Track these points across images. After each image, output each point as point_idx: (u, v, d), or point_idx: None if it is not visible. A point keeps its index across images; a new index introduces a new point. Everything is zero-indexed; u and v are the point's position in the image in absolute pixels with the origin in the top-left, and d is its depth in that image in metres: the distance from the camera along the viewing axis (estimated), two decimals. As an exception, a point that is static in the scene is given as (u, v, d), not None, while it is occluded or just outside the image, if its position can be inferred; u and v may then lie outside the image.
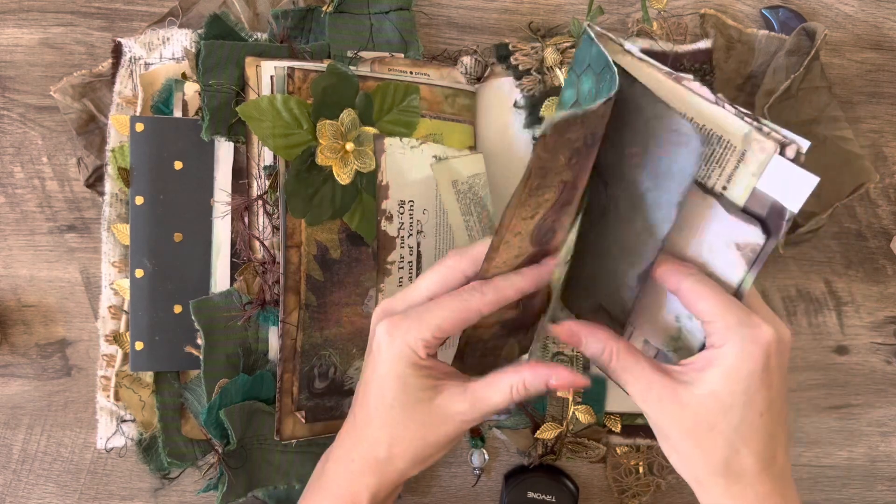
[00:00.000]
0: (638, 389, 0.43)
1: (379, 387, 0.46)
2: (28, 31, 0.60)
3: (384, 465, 0.46)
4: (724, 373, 0.42)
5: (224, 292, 0.57)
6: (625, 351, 0.44)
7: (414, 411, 0.45)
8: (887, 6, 0.64)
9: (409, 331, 0.44)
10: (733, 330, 0.42)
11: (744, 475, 0.43)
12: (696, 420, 0.42)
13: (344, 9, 0.59)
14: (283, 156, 0.54)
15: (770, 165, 0.40)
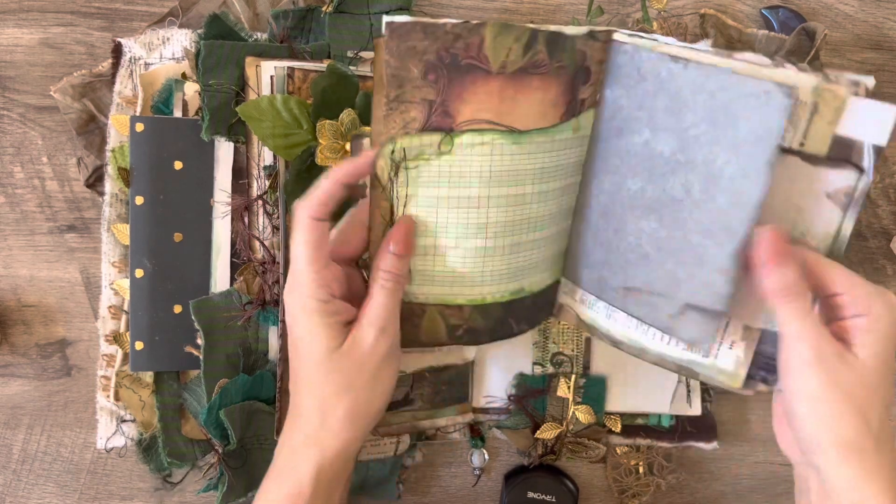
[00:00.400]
0: (810, 340, 0.42)
1: (296, 351, 0.47)
2: (28, 31, 0.60)
3: (319, 431, 0.46)
4: (881, 337, 0.43)
5: (224, 292, 0.57)
6: (807, 298, 0.43)
7: (330, 362, 0.45)
8: (887, 6, 0.64)
9: (298, 282, 0.45)
10: (874, 297, 0.43)
11: (889, 440, 0.43)
12: (860, 384, 0.42)
13: (344, 9, 0.59)
14: (283, 156, 0.54)
15: (848, 109, 0.41)
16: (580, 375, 0.60)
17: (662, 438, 0.62)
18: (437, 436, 0.62)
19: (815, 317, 0.43)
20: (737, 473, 0.64)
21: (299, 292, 0.46)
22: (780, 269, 0.43)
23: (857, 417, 0.42)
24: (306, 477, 0.45)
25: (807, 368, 0.42)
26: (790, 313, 0.43)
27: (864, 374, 0.42)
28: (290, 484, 0.46)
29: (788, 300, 0.43)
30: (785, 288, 0.43)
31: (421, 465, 0.63)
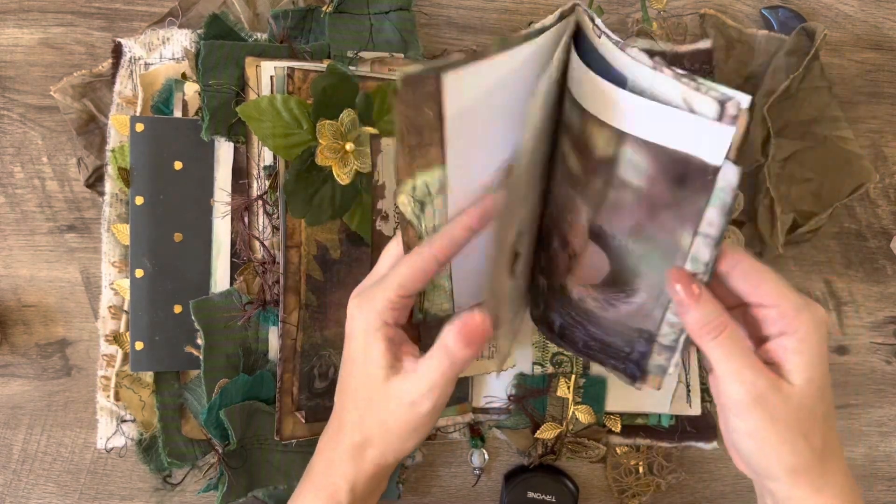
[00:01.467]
0: (741, 378, 0.41)
1: (350, 365, 0.47)
2: (28, 31, 0.60)
3: (359, 451, 0.46)
4: (811, 358, 0.41)
5: (224, 292, 0.57)
6: (735, 330, 0.42)
7: (372, 391, 0.45)
8: (887, 6, 0.64)
9: (375, 297, 0.45)
10: (802, 312, 0.41)
11: (833, 453, 0.43)
12: (798, 410, 0.41)
13: (344, 9, 0.59)
14: (283, 156, 0.54)
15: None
16: (580, 375, 0.60)
17: (662, 438, 0.62)
18: (437, 436, 0.62)
19: (743, 348, 0.42)
20: (737, 473, 0.64)
21: (370, 308, 0.45)
22: (697, 307, 0.41)
23: (800, 443, 0.42)
24: (343, 492, 0.46)
25: (744, 409, 0.42)
26: (718, 350, 0.41)
27: (801, 401, 0.41)
28: (326, 494, 0.46)
29: (711, 337, 0.41)
30: (706, 324, 0.41)
31: (421, 465, 0.63)
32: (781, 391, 0.41)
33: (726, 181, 0.37)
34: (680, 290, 0.41)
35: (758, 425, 0.42)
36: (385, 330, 0.45)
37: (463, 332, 0.43)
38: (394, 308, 0.45)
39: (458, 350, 0.43)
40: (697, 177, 0.38)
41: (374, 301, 0.45)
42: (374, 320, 0.45)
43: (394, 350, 0.45)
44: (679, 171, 0.39)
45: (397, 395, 0.45)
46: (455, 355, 0.44)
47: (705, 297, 0.41)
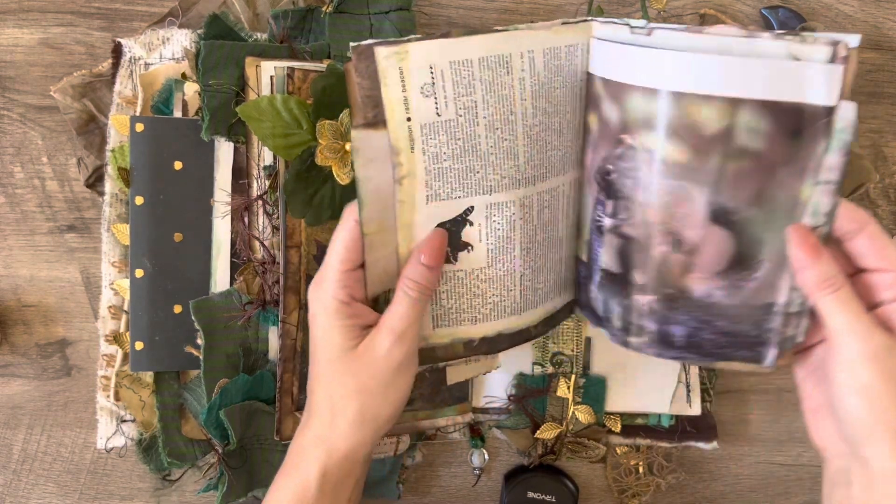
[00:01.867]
0: (856, 333, 0.42)
1: (313, 348, 0.48)
2: (28, 31, 0.60)
3: (328, 431, 0.46)
4: None
5: (224, 292, 0.57)
6: (851, 289, 0.42)
7: (344, 363, 0.46)
8: (887, 6, 0.64)
9: (324, 279, 0.47)
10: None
11: None
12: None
13: (344, 9, 0.59)
14: (283, 156, 0.54)
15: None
16: (580, 375, 0.60)
17: (662, 438, 0.62)
18: (437, 436, 0.62)
19: (859, 306, 0.42)
20: (737, 473, 0.64)
21: (323, 290, 0.47)
22: (817, 264, 0.42)
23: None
24: (312, 476, 0.46)
25: (858, 362, 0.42)
26: (834, 306, 0.42)
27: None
28: (297, 482, 0.46)
29: (829, 292, 0.42)
30: (824, 280, 0.42)
31: (421, 465, 0.63)
32: (893, 350, 0.41)
33: (845, 120, 0.39)
34: (799, 246, 0.42)
35: (871, 380, 0.41)
36: (342, 308, 0.46)
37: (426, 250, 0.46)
38: (343, 285, 0.46)
39: (423, 274, 0.46)
40: (815, 123, 0.40)
41: (323, 283, 0.47)
42: (329, 301, 0.46)
43: (357, 324, 0.47)
44: (796, 122, 0.40)
45: (367, 351, 0.46)
46: (421, 282, 0.46)
47: (824, 253, 0.42)
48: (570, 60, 0.46)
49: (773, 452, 0.64)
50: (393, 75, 0.42)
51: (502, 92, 0.44)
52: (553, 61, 0.45)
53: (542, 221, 0.49)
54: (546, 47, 0.45)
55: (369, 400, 0.46)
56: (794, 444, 0.65)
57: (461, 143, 0.45)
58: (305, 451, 0.47)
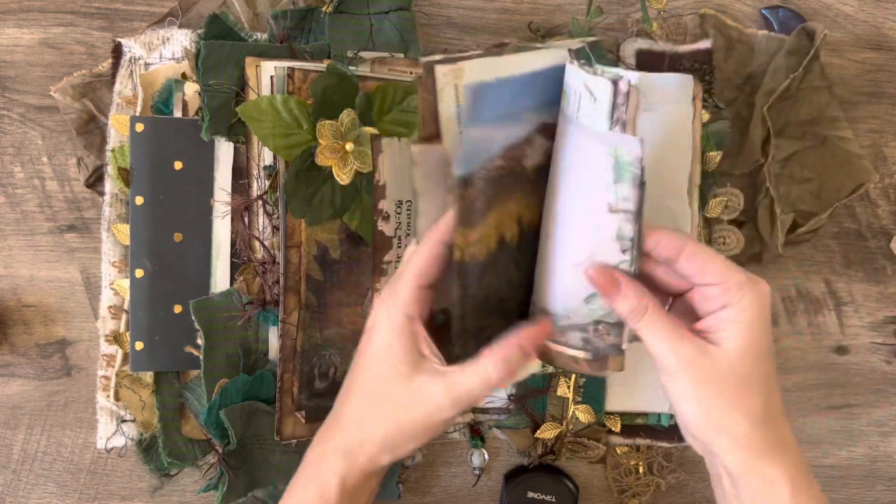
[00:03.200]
0: (667, 347, 0.43)
1: (364, 358, 0.47)
2: (28, 31, 0.60)
3: (354, 446, 0.46)
4: (747, 326, 0.43)
5: (224, 292, 0.57)
6: (656, 307, 0.44)
7: (390, 385, 0.45)
8: (887, 6, 0.64)
9: (397, 290, 0.45)
10: (745, 286, 0.43)
11: (775, 419, 0.44)
12: (729, 374, 0.43)
13: (344, 9, 0.59)
14: (283, 156, 0.54)
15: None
16: (580, 375, 0.60)
17: (662, 438, 0.62)
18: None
19: (668, 323, 0.44)
20: (737, 473, 0.64)
21: (393, 302, 0.45)
22: (619, 298, 0.43)
23: (735, 408, 0.43)
24: (333, 485, 0.46)
25: (673, 372, 0.44)
26: (646, 329, 0.44)
27: (732, 366, 0.43)
28: (317, 488, 0.46)
29: (637, 319, 0.44)
30: (631, 311, 0.44)
31: (421, 465, 0.63)
32: (709, 354, 0.43)
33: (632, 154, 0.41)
34: (600, 285, 0.44)
35: (688, 386, 0.43)
36: (410, 324, 0.45)
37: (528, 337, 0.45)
38: (416, 301, 0.45)
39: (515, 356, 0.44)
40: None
41: (396, 294, 0.45)
42: (398, 314, 0.45)
43: (415, 344, 0.45)
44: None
45: (421, 393, 0.45)
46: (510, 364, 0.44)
47: (623, 285, 0.43)
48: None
49: (773, 452, 0.64)
50: (448, 92, 0.43)
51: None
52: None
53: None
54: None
55: (400, 433, 0.46)
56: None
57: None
58: (326, 459, 0.46)
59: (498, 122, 0.45)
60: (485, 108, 0.44)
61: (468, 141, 0.44)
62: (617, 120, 0.42)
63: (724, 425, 0.43)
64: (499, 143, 0.45)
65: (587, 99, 0.43)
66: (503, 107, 0.44)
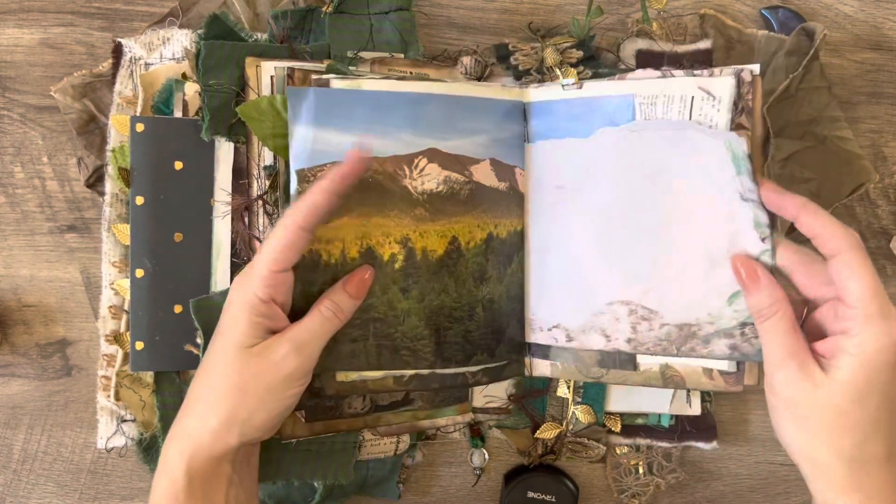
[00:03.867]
0: (778, 359, 0.43)
1: (213, 341, 0.47)
2: (28, 31, 0.60)
3: (198, 425, 0.46)
4: (861, 362, 0.42)
5: (224, 292, 0.57)
6: (785, 314, 0.43)
7: (234, 357, 0.45)
8: (887, 6, 0.64)
9: (250, 273, 0.46)
10: (874, 321, 0.42)
11: (869, 463, 0.43)
12: (826, 406, 0.42)
13: (344, 9, 0.59)
14: (283, 156, 0.54)
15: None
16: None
17: (662, 438, 0.62)
18: (437, 436, 0.62)
19: (788, 336, 0.43)
20: (737, 473, 0.64)
21: (247, 284, 0.46)
22: (754, 293, 0.44)
23: (821, 443, 0.43)
24: (180, 472, 0.45)
25: (775, 387, 0.44)
26: (766, 333, 0.44)
27: (831, 398, 0.42)
28: (167, 477, 0.46)
29: (762, 320, 0.44)
30: (759, 311, 0.44)
31: (421, 465, 0.63)
32: (813, 380, 0.42)
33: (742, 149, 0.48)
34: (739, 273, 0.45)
35: (783, 407, 0.43)
36: (259, 305, 0.46)
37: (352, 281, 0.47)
38: (268, 284, 0.46)
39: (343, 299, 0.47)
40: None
41: (248, 277, 0.46)
42: (248, 294, 0.46)
43: (266, 325, 0.46)
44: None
45: (263, 352, 0.45)
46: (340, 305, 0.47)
47: (765, 279, 0.44)
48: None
49: (773, 452, 0.64)
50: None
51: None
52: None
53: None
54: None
55: (245, 400, 0.45)
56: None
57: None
58: (173, 441, 0.46)
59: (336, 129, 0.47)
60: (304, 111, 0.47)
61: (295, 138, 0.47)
62: (742, 109, 0.44)
63: (809, 454, 0.43)
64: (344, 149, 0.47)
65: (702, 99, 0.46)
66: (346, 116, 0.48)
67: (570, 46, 0.60)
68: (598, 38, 0.61)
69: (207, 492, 0.45)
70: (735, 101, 0.45)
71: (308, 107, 0.49)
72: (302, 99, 0.49)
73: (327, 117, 0.49)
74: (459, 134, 0.50)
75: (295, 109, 0.49)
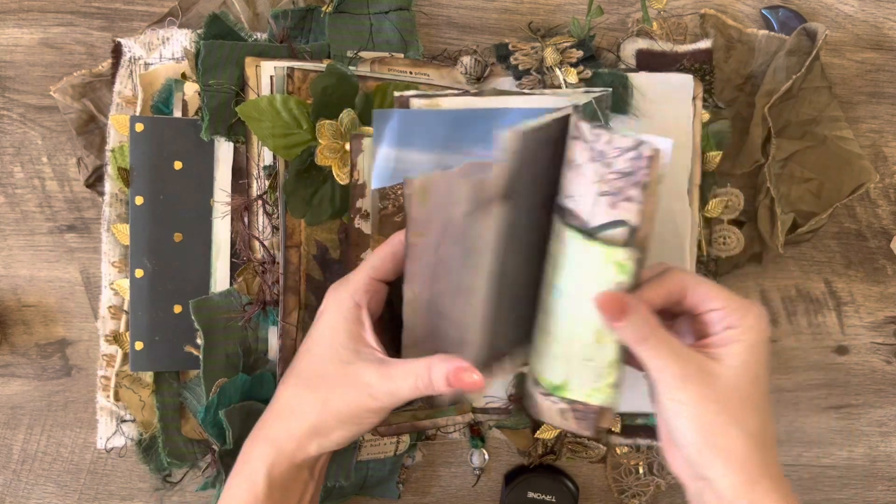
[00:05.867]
0: (671, 366, 0.43)
1: (309, 341, 0.47)
2: (28, 31, 0.60)
3: (282, 432, 0.46)
4: (749, 346, 0.44)
5: (224, 292, 0.57)
6: (658, 327, 0.44)
7: (328, 367, 0.46)
8: (887, 6, 0.64)
9: (349, 279, 0.47)
10: (747, 309, 0.44)
11: (770, 445, 0.44)
12: (731, 391, 0.43)
13: (344, 9, 0.59)
14: (283, 156, 0.54)
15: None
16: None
17: (662, 438, 0.62)
18: (437, 436, 0.62)
19: (672, 344, 0.44)
20: (737, 473, 0.64)
21: (344, 288, 0.47)
22: (624, 324, 0.43)
23: (733, 427, 0.43)
24: (260, 476, 0.45)
25: (675, 388, 0.43)
26: (646, 353, 0.43)
27: (734, 382, 0.43)
28: (246, 480, 0.46)
29: (640, 344, 0.43)
30: (634, 337, 0.43)
31: (421, 465, 0.63)
32: (712, 372, 0.43)
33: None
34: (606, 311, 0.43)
35: (687, 403, 0.43)
36: (357, 311, 0.46)
37: (453, 379, 0.43)
38: (367, 290, 0.46)
39: (438, 387, 0.44)
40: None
41: (347, 283, 0.47)
42: (347, 299, 0.46)
43: (363, 334, 0.46)
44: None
45: (358, 378, 0.45)
46: (432, 388, 0.44)
47: (628, 311, 0.43)
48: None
49: (773, 452, 0.64)
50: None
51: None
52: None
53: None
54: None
55: (330, 418, 0.46)
56: (794, 444, 0.65)
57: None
58: (255, 449, 0.47)
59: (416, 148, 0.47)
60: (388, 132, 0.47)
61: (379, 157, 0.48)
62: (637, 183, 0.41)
63: (722, 444, 0.43)
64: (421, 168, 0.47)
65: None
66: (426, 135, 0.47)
67: (571, 46, 0.59)
68: (598, 37, 0.61)
69: (285, 497, 0.46)
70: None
71: (391, 127, 0.50)
72: (386, 120, 0.50)
73: (409, 137, 0.49)
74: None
75: (379, 130, 0.50)
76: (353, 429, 0.46)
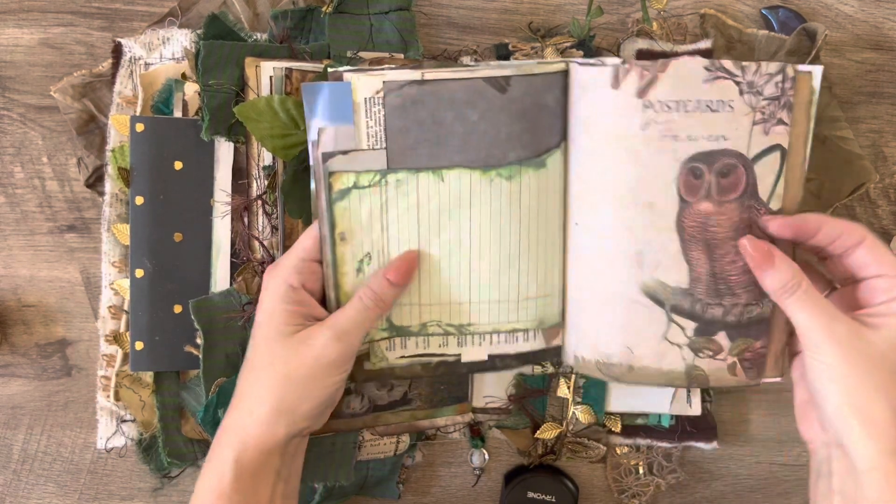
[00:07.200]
0: (819, 323, 0.43)
1: (254, 334, 0.48)
2: (28, 31, 0.60)
3: (245, 415, 0.46)
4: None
5: (224, 292, 0.57)
6: (810, 285, 0.43)
7: (277, 347, 0.46)
8: (887, 6, 0.64)
9: (280, 263, 0.48)
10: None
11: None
12: (882, 359, 0.42)
13: (344, 9, 0.59)
14: (281, 156, 0.54)
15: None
16: (580, 375, 0.60)
17: (662, 438, 0.62)
18: (437, 436, 0.62)
19: (822, 302, 0.43)
20: (737, 473, 0.64)
21: (276, 274, 0.48)
22: (772, 272, 0.44)
23: (879, 395, 0.42)
24: (228, 465, 0.45)
25: (821, 349, 0.43)
26: (794, 306, 0.44)
27: (883, 353, 0.42)
28: (215, 470, 0.46)
29: (788, 295, 0.44)
30: (782, 287, 0.44)
31: (421, 465, 0.63)
32: (864, 337, 0.43)
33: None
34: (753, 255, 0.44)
35: (834, 363, 0.42)
36: (290, 293, 0.47)
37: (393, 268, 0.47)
38: (298, 271, 0.48)
39: (381, 289, 0.47)
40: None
41: (279, 267, 0.48)
42: (280, 284, 0.47)
43: (301, 312, 0.47)
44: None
45: (305, 340, 0.46)
46: (376, 296, 0.47)
47: (777, 258, 0.44)
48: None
49: (773, 452, 0.64)
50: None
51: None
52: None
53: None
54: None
55: (291, 389, 0.46)
56: (794, 444, 0.65)
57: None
58: (222, 439, 0.47)
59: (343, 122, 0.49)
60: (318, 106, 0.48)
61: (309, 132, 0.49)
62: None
63: (864, 409, 0.42)
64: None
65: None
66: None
67: (570, 46, 0.59)
68: (598, 38, 0.61)
69: (255, 486, 0.46)
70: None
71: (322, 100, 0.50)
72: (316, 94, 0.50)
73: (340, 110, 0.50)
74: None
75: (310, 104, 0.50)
76: (319, 395, 0.47)
